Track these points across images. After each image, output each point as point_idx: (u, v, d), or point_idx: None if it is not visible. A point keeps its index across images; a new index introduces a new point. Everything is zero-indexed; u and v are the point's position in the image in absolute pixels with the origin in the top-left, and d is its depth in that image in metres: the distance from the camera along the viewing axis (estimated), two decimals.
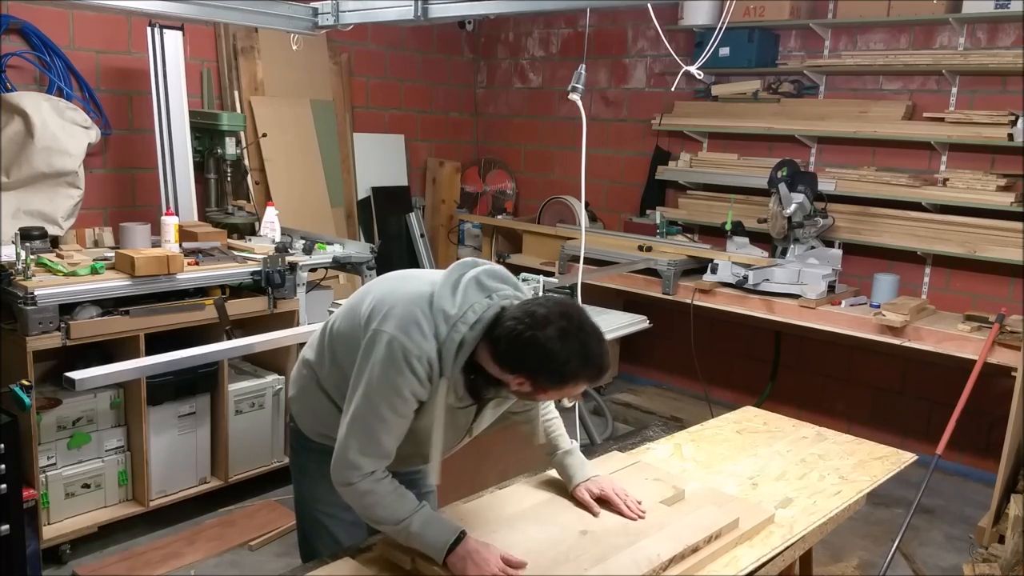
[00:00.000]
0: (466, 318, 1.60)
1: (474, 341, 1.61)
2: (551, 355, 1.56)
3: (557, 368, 1.57)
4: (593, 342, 1.61)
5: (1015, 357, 3.44)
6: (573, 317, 1.60)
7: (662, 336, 4.75)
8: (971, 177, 4.00)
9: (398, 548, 1.68)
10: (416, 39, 5.67)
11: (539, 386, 1.61)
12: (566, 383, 1.61)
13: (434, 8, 2.70)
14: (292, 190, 4.74)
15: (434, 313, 1.62)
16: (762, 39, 4.67)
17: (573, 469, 1.96)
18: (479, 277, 1.67)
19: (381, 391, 1.61)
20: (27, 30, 3.73)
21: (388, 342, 1.60)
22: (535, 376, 1.59)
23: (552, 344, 1.55)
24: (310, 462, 1.92)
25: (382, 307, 1.66)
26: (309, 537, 2.00)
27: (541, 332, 1.55)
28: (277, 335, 2.96)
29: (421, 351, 1.59)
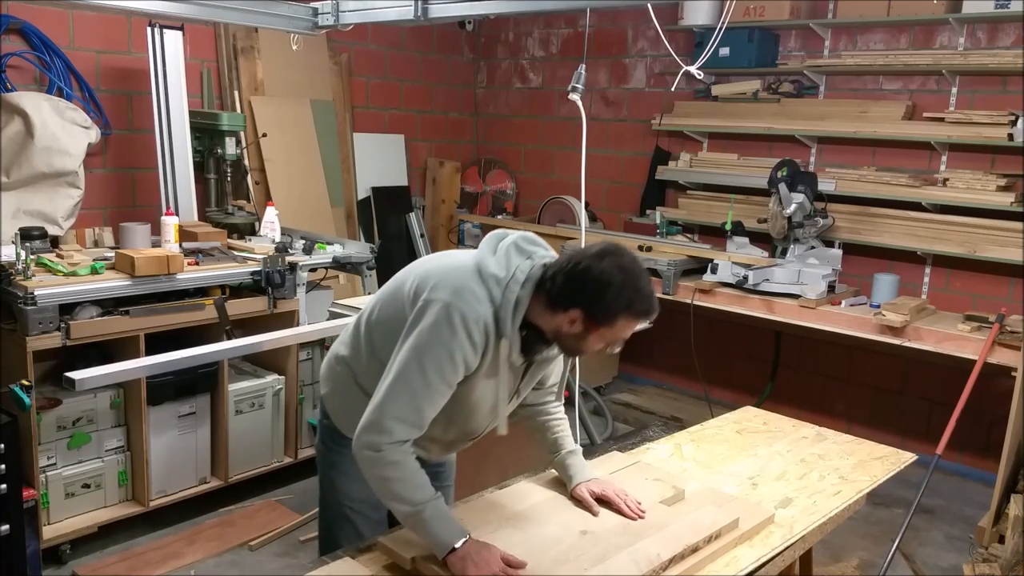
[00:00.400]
0: (516, 278, 1.65)
1: (527, 299, 1.65)
2: (607, 283, 1.60)
3: (613, 298, 1.60)
4: (644, 281, 1.66)
5: (1015, 357, 3.44)
6: (626, 256, 1.65)
7: (662, 336, 4.75)
8: (971, 177, 4.00)
9: (398, 548, 1.68)
10: (416, 39, 5.67)
11: (592, 320, 1.63)
12: (619, 316, 1.63)
13: (434, 8, 2.70)
14: (292, 190, 4.74)
15: (485, 279, 1.66)
16: (762, 39, 4.67)
17: (574, 469, 1.97)
18: (517, 242, 1.72)
19: (432, 355, 1.61)
20: (27, 30, 3.73)
21: (443, 307, 1.62)
22: (590, 307, 1.62)
23: (609, 275, 1.60)
24: (343, 458, 1.91)
25: (429, 281, 1.69)
26: (333, 531, 2.01)
27: (596, 264, 1.61)
28: (277, 335, 2.96)
29: (478, 315, 1.62)
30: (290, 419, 3.83)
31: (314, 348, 3.88)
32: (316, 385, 3.87)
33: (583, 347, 1.69)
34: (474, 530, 1.71)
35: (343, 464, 1.93)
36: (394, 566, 1.69)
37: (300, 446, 3.89)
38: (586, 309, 1.62)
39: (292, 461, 3.86)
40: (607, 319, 1.63)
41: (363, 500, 1.91)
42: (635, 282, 1.63)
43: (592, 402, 4.73)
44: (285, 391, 3.78)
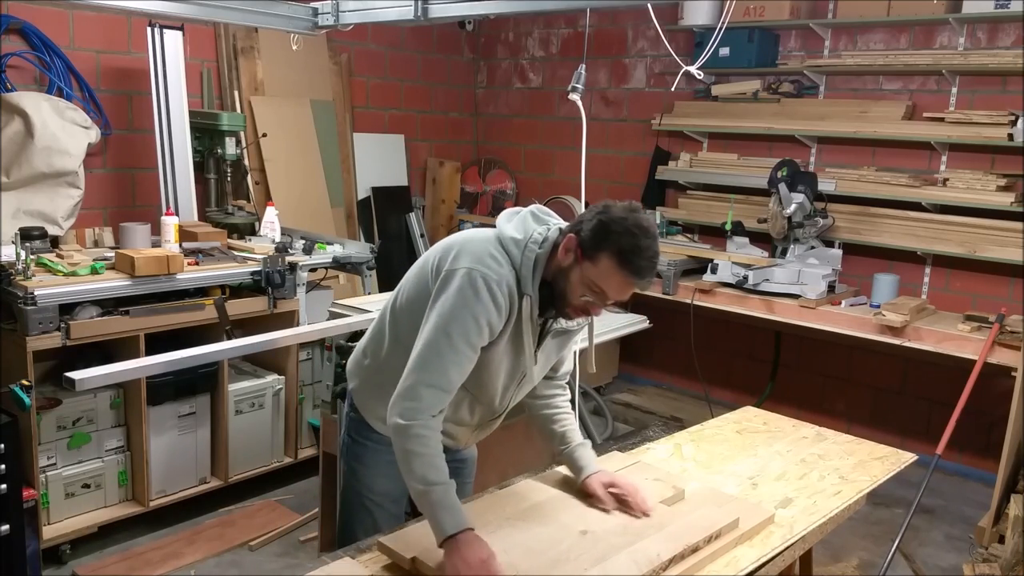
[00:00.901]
0: (535, 238, 1.72)
1: (544, 258, 1.71)
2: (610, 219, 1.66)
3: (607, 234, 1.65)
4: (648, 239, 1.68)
5: (1015, 357, 3.44)
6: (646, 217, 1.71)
7: (662, 336, 4.75)
8: (971, 177, 4.00)
9: (398, 548, 1.68)
10: (416, 39, 5.67)
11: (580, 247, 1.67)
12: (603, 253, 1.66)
13: (434, 8, 2.70)
14: (292, 190, 4.74)
15: (504, 244, 1.73)
16: (762, 39, 4.67)
17: (584, 461, 1.96)
18: (533, 211, 1.81)
19: (457, 319, 1.65)
20: (27, 30, 3.73)
21: (465, 274, 1.67)
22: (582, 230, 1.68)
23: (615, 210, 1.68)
24: (367, 451, 1.97)
25: (451, 252, 1.73)
26: (351, 524, 2.02)
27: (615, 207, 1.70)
28: (277, 335, 2.95)
29: (500, 276, 1.67)
30: (290, 419, 3.83)
31: (314, 348, 3.88)
32: (316, 385, 3.88)
33: (568, 288, 1.71)
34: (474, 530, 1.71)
35: (367, 456, 1.98)
36: (394, 566, 1.69)
37: (300, 446, 3.89)
38: (580, 235, 1.68)
39: (292, 461, 3.86)
40: (593, 250, 1.67)
41: (384, 493, 1.97)
42: (637, 233, 1.65)
43: (592, 402, 4.73)
44: (285, 391, 3.78)
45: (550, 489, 2.00)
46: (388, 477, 1.92)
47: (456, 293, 1.66)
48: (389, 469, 1.87)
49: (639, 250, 1.65)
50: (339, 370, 2.78)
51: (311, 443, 3.90)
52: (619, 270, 1.66)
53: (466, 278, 1.66)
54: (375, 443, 1.95)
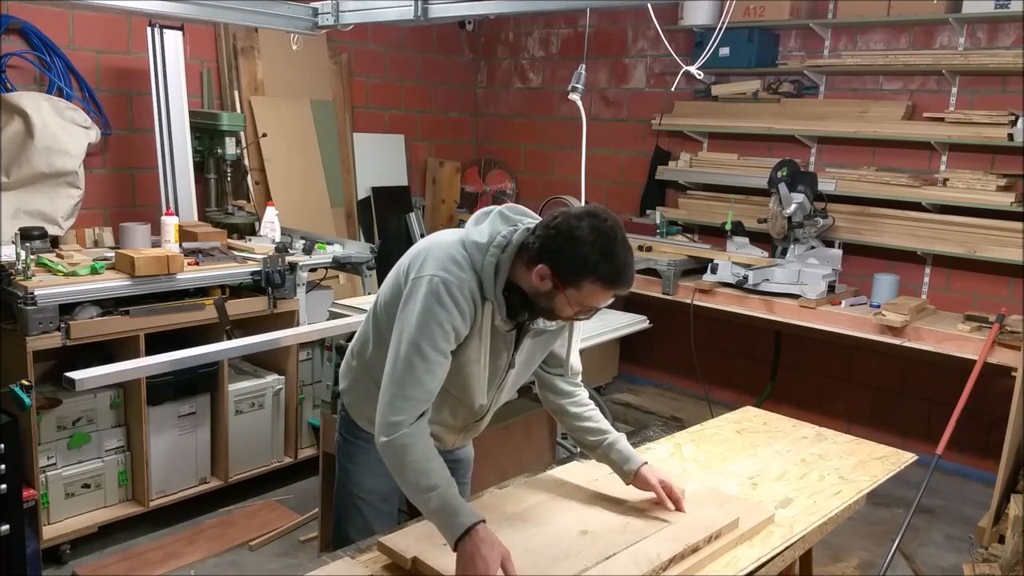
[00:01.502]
0: (497, 242, 1.69)
1: (508, 261, 1.69)
2: (576, 240, 1.60)
3: (580, 256, 1.60)
4: (620, 247, 1.63)
5: (1015, 357, 3.44)
6: (607, 220, 1.64)
7: (662, 336, 4.75)
8: (971, 177, 4.00)
9: (398, 548, 1.68)
10: (416, 39, 5.67)
11: (559, 278, 1.63)
12: (584, 279, 1.62)
13: (434, 8, 2.70)
14: (292, 190, 4.74)
15: (467, 248, 1.71)
16: (762, 39, 4.67)
17: (629, 452, 1.96)
18: (502, 211, 1.77)
19: (423, 327, 1.66)
20: (27, 30, 3.73)
21: (428, 281, 1.67)
22: (557, 263, 1.62)
23: (580, 232, 1.60)
24: (357, 450, 1.99)
25: (419, 258, 1.74)
26: (343, 524, 2.04)
27: (573, 222, 1.62)
28: (277, 335, 2.95)
29: (461, 282, 1.67)
30: (290, 419, 3.83)
31: (314, 348, 3.88)
32: (316, 385, 3.88)
33: (554, 308, 1.70)
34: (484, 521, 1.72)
35: (358, 455, 2.00)
36: (394, 566, 1.69)
37: (300, 446, 3.89)
38: (554, 267, 1.63)
39: (292, 461, 3.86)
40: (573, 280, 1.63)
41: (373, 491, 1.99)
42: (608, 246, 1.61)
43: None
44: (285, 391, 3.78)
45: (549, 489, 2.00)
46: (377, 475, 1.93)
47: (421, 302, 1.67)
48: (378, 467, 1.85)
49: (619, 269, 1.63)
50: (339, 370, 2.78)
51: (311, 443, 3.90)
52: (603, 288, 1.65)
53: (429, 285, 1.66)
54: (364, 442, 1.95)
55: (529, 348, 1.86)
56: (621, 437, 1.99)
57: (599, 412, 2.02)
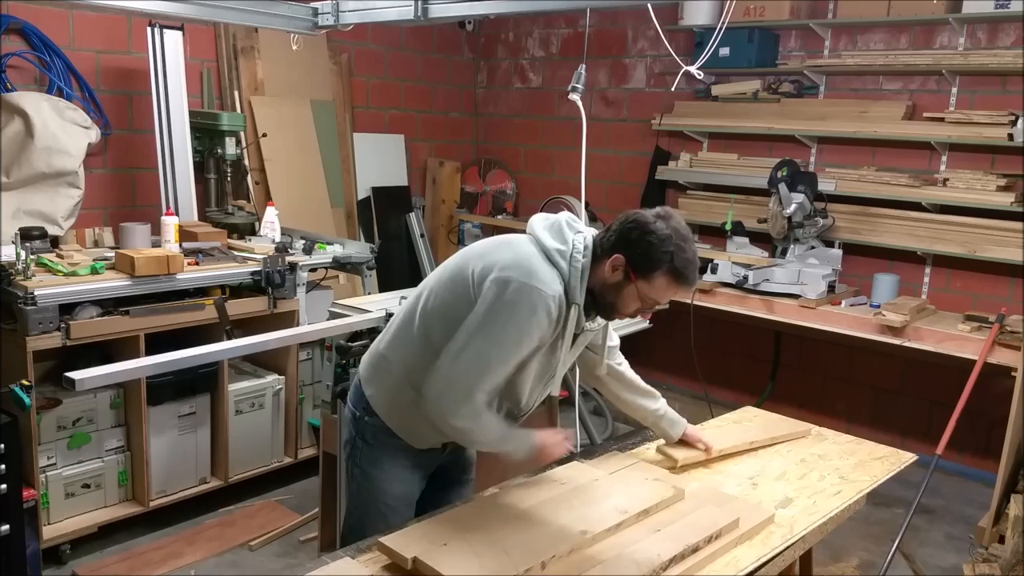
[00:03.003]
0: (578, 248, 1.79)
1: (588, 266, 1.79)
2: (652, 232, 1.73)
3: (655, 248, 1.73)
4: (691, 246, 1.77)
5: (1015, 357, 3.44)
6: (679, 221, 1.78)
7: (662, 336, 4.75)
8: (971, 177, 4.00)
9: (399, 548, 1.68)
10: (416, 39, 5.67)
11: (633, 268, 1.75)
12: (658, 270, 1.74)
13: (434, 8, 2.70)
14: (292, 190, 4.74)
15: (550, 256, 1.78)
16: (762, 39, 4.67)
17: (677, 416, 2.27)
18: (567, 221, 1.86)
19: (511, 332, 1.72)
20: (27, 30, 3.73)
21: (520, 288, 1.71)
22: (633, 254, 1.74)
23: (657, 227, 1.74)
24: (385, 456, 1.99)
25: (495, 262, 1.77)
26: (362, 527, 2.00)
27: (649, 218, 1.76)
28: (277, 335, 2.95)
29: (554, 292, 1.74)
30: (290, 419, 3.83)
31: (314, 348, 3.88)
32: (316, 385, 3.87)
33: (620, 302, 1.80)
34: (475, 530, 1.73)
35: (386, 462, 1.98)
36: (394, 566, 1.69)
37: (300, 446, 3.89)
38: (630, 257, 1.74)
39: (292, 461, 3.86)
40: (647, 271, 1.74)
41: (400, 497, 2.00)
42: (682, 243, 1.74)
43: (592, 402, 4.73)
44: (285, 391, 3.78)
45: (550, 490, 2.00)
46: (405, 482, 1.99)
47: (510, 306, 1.71)
48: (407, 474, 1.97)
49: (690, 264, 1.76)
50: (339, 370, 2.78)
51: (311, 443, 3.90)
52: (674, 284, 1.76)
53: (522, 292, 1.71)
54: (395, 448, 1.96)
55: (576, 348, 1.94)
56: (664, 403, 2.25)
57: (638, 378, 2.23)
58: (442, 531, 1.75)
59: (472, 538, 1.72)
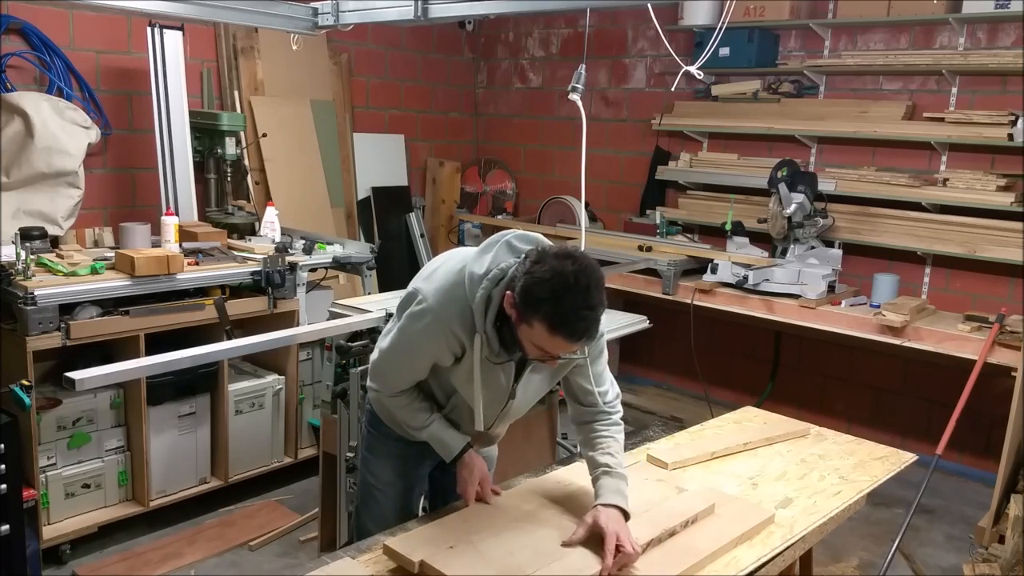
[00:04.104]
0: (492, 275, 1.68)
1: (500, 295, 1.66)
2: (536, 280, 1.56)
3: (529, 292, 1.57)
4: (576, 294, 1.54)
5: (1015, 357, 3.44)
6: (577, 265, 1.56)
7: (662, 336, 4.75)
8: (971, 177, 4.00)
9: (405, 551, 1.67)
10: (416, 39, 5.67)
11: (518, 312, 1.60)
12: (533, 318, 1.57)
13: (434, 8, 2.70)
14: (292, 190, 4.74)
15: (467, 278, 1.72)
16: (762, 39, 4.67)
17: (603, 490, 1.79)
18: (510, 240, 1.74)
19: (402, 342, 1.82)
20: (27, 30, 3.73)
21: (421, 310, 1.75)
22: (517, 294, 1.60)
23: (541, 269, 1.56)
24: (378, 443, 2.09)
25: (429, 270, 1.85)
26: (361, 513, 2.15)
27: (543, 259, 1.59)
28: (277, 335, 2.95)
29: (448, 316, 1.72)
30: (290, 419, 3.82)
31: (314, 348, 3.88)
32: (316, 385, 3.88)
33: (523, 342, 1.65)
34: (480, 532, 1.73)
35: (379, 448, 2.09)
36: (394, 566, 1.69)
37: (300, 446, 3.89)
38: (513, 297, 1.61)
39: (292, 461, 3.86)
40: (526, 316, 1.59)
41: (389, 483, 2.07)
42: (563, 293, 1.53)
43: None
44: (285, 391, 3.78)
45: (553, 491, 2.00)
46: (394, 470, 2.06)
47: (408, 318, 1.79)
48: (395, 462, 2.05)
49: (565, 313, 1.55)
50: (339, 370, 2.78)
51: (311, 443, 3.90)
52: (551, 334, 1.57)
53: (422, 314, 1.75)
54: (385, 436, 2.05)
55: (532, 380, 1.86)
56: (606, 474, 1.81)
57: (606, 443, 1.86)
58: (448, 533, 1.75)
59: (478, 540, 1.71)
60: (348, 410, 2.71)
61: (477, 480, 1.89)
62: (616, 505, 1.74)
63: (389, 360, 1.88)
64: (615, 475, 1.81)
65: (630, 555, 1.65)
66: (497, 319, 1.68)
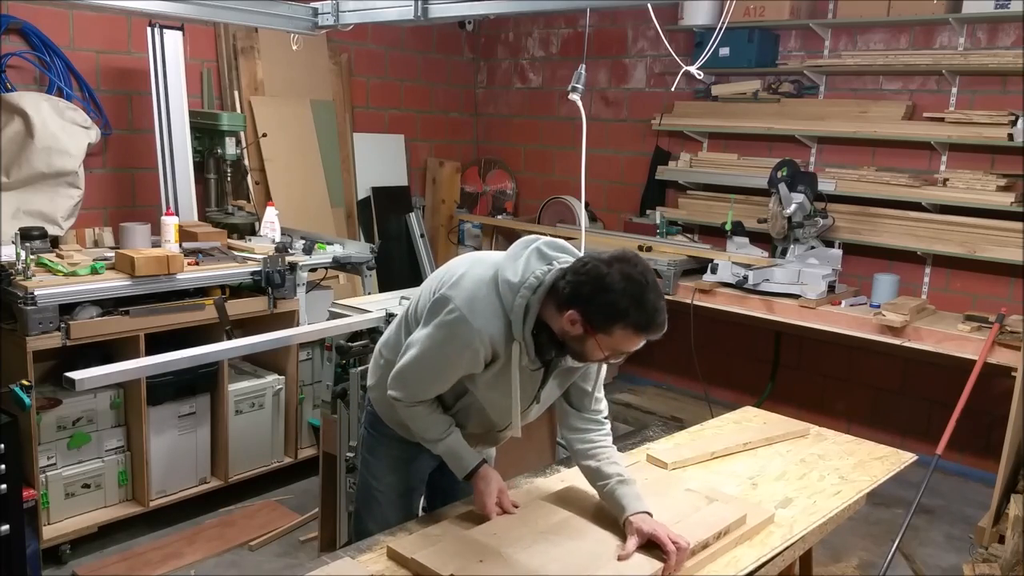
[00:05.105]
0: (529, 284, 1.67)
1: (538, 303, 1.68)
2: (606, 287, 1.59)
3: (610, 303, 1.59)
4: (651, 293, 1.62)
5: (1015, 357, 3.44)
6: (638, 266, 1.63)
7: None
8: (971, 177, 4.00)
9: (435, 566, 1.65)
10: (416, 39, 5.67)
11: (589, 324, 1.62)
12: (615, 323, 1.61)
13: (434, 8, 2.70)
14: (292, 190, 4.74)
15: (500, 287, 1.70)
16: (762, 39, 4.67)
17: (627, 499, 1.81)
18: (540, 248, 1.75)
19: (436, 355, 1.76)
20: (27, 30, 3.73)
21: (455, 318, 1.70)
22: (587, 309, 1.61)
23: (611, 279, 1.59)
24: (379, 444, 2.08)
25: (453, 276, 1.78)
26: (362, 514, 2.14)
27: (604, 267, 1.62)
28: (277, 335, 2.95)
29: (483, 327, 1.68)
30: (290, 419, 3.83)
31: (314, 348, 3.88)
32: (316, 385, 3.88)
33: (585, 352, 1.69)
34: (509, 545, 1.71)
35: (379, 449, 2.08)
36: (395, 566, 1.69)
37: (300, 446, 3.89)
38: (584, 312, 1.62)
39: (292, 461, 3.86)
40: (603, 326, 1.62)
41: (390, 486, 2.07)
42: (639, 292, 1.60)
43: None
44: (285, 391, 3.78)
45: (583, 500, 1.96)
46: (395, 472, 2.05)
47: (438, 327, 1.74)
48: (396, 464, 2.04)
49: (652, 314, 1.62)
50: (339, 370, 2.78)
51: (311, 443, 3.90)
52: (634, 334, 1.64)
53: (455, 324, 1.70)
54: (386, 437, 2.04)
55: (555, 384, 1.87)
56: (620, 483, 1.84)
57: (608, 452, 1.90)
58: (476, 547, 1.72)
59: (509, 555, 1.69)
60: (348, 410, 2.71)
61: (495, 493, 1.85)
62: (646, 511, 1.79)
63: (418, 369, 1.80)
64: (629, 483, 1.85)
65: (685, 550, 1.71)
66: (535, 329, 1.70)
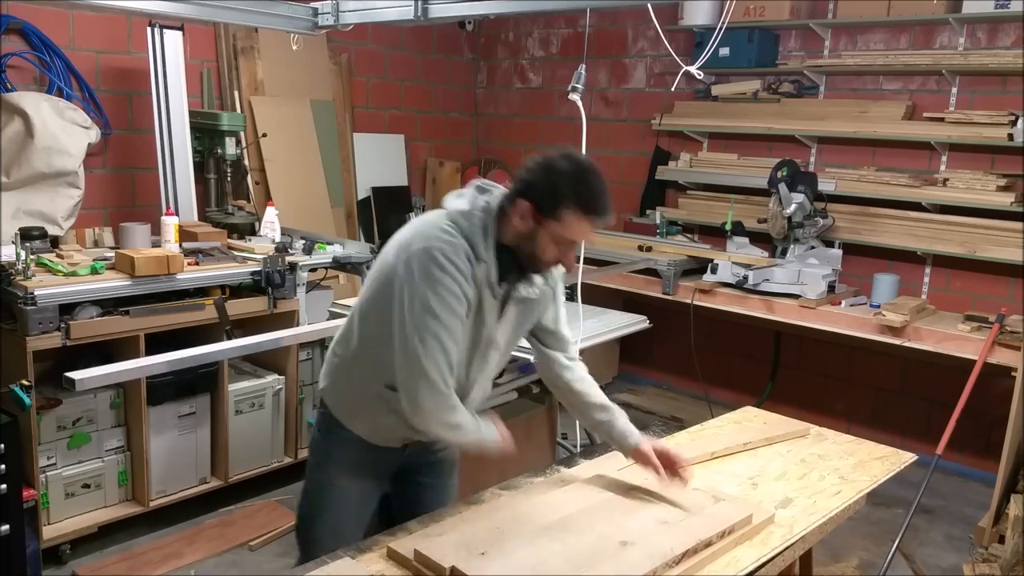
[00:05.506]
0: (479, 206, 1.75)
1: (494, 222, 1.75)
2: (552, 169, 1.69)
3: (556, 183, 1.67)
4: (595, 176, 1.71)
5: (1015, 357, 3.44)
6: (581, 157, 1.74)
7: (662, 336, 4.75)
8: (971, 177, 4.00)
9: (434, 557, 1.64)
10: (416, 39, 5.67)
11: (539, 211, 1.69)
12: (563, 207, 1.67)
13: (434, 8, 2.70)
14: (292, 190, 4.74)
15: (452, 218, 1.75)
16: (762, 39, 4.67)
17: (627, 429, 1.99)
18: (477, 185, 1.82)
19: (434, 295, 1.68)
20: (27, 30, 3.73)
21: (423, 252, 1.69)
22: (536, 195, 1.69)
23: (556, 162, 1.70)
24: (336, 447, 1.99)
25: (404, 241, 1.77)
26: (311, 523, 2.03)
27: (549, 157, 1.71)
28: (277, 335, 2.96)
29: (455, 246, 1.70)
30: (290, 419, 3.83)
31: (314, 348, 3.88)
32: (316, 385, 3.87)
33: (537, 250, 1.74)
34: (511, 540, 1.70)
35: (337, 452, 1.99)
36: (395, 566, 1.69)
37: (300, 446, 3.88)
38: (534, 200, 1.69)
39: (292, 461, 3.86)
40: (552, 210, 1.68)
41: (345, 489, 1.98)
42: (585, 176, 1.69)
43: None
44: (285, 391, 3.78)
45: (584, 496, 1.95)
46: (352, 476, 1.98)
47: (422, 274, 1.69)
48: (354, 468, 1.96)
49: (596, 194, 1.70)
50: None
51: None
52: (584, 218, 1.70)
53: (425, 256, 1.69)
54: (345, 439, 1.96)
55: (512, 320, 1.87)
56: (620, 415, 2.00)
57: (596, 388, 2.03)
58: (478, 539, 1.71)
59: (511, 548, 1.68)
60: None
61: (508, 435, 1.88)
62: None
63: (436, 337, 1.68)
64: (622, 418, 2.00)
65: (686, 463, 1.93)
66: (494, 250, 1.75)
